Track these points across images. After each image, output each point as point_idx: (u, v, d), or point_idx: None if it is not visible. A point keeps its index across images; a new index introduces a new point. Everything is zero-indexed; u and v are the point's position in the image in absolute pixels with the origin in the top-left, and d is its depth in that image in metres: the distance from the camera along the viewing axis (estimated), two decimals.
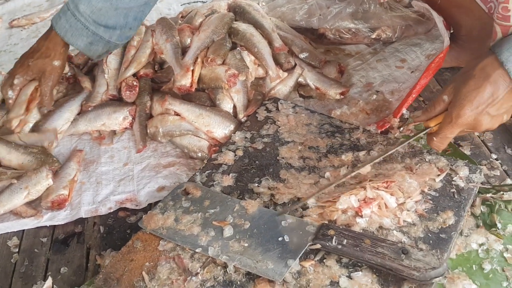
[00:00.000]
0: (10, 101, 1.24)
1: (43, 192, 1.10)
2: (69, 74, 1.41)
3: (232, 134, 1.16)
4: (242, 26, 1.34)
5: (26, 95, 1.24)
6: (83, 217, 1.07)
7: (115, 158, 1.22)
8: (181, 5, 1.83)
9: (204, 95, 1.27)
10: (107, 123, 1.26)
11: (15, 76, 1.23)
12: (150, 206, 1.09)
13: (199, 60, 1.26)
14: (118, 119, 1.26)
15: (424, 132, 0.99)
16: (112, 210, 1.09)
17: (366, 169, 0.99)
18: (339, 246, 0.84)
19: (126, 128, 1.27)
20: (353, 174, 0.97)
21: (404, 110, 1.21)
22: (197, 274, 0.86)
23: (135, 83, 1.28)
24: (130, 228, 1.05)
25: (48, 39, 1.23)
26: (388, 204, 0.92)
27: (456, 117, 0.90)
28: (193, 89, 1.23)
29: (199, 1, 1.86)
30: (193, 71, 1.22)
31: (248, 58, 1.28)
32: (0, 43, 1.81)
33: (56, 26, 1.20)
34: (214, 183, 1.04)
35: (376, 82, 1.38)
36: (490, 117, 0.90)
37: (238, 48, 1.28)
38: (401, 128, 1.18)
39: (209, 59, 1.22)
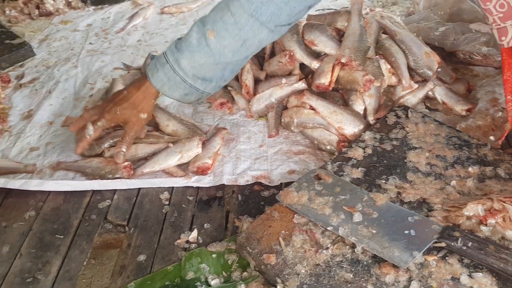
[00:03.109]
0: (88, 137, 1.25)
1: (192, 158, 1.28)
2: None
3: (362, 133, 1.26)
4: (382, 36, 1.43)
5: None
6: (225, 184, 1.23)
7: (252, 139, 1.38)
8: (316, 11, 1.96)
9: (337, 95, 1.39)
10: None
11: (101, 118, 1.24)
12: (281, 186, 1.22)
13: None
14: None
15: None
16: (249, 183, 1.23)
17: None
18: (464, 247, 0.91)
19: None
20: None
21: None
22: (327, 248, 0.98)
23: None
24: (264, 201, 1.19)
25: (140, 90, 1.23)
26: None
27: None
28: (330, 88, 1.34)
29: (332, 9, 1.98)
30: (333, 71, 1.34)
31: (384, 66, 1.38)
32: (152, 26, 2.06)
33: (152, 79, 1.20)
34: (344, 173, 1.15)
35: (502, 99, 1.41)
36: None
37: (377, 56, 1.38)
38: None
39: (352, 63, 1.31)
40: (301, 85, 1.37)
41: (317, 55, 1.42)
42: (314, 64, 1.39)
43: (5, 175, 1.27)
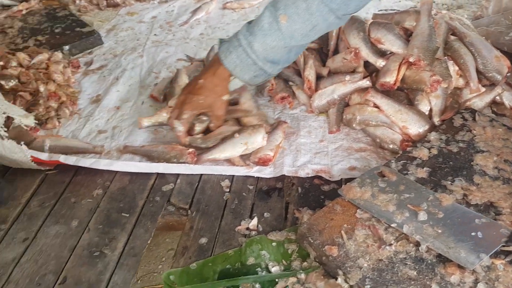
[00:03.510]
0: (180, 134, 1.31)
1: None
2: None
3: (428, 134, 1.24)
4: (451, 37, 1.41)
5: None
6: (286, 175, 1.24)
7: (312, 134, 1.38)
8: (379, 11, 1.94)
9: (402, 94, 1.37)
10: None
11: (184, 111, 1.29)
12: (341, 181, 1.22)
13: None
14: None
15: None
16: (309, 176, 1.24)
17: None
18: None
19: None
20: None
21: None
22: (390, 244, 0.97)
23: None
24: (324, 195, 1.19)
25: (216, 75, 1.28)
26: None
27: None
28: (395, 87, 1.33)
29: (395, 9, 1.96)
30: (399, 70, 1.32)
31: (452, 68, 1.35)
32: (215, 21, 2.11)
33: (225, 61, 1.24)
34: (408, 172, 1.14)
35: None
36: None
37: (445, 57, 1.36)
38: None
39: (420, 62, 1.30)
40: (366, 82, 1.36)
41: (382, 54, 1.42)
42: (380, 63, 1.38)
43: (75, 154, 1.33)
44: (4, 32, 2.00)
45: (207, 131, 1.37)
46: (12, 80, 1.52)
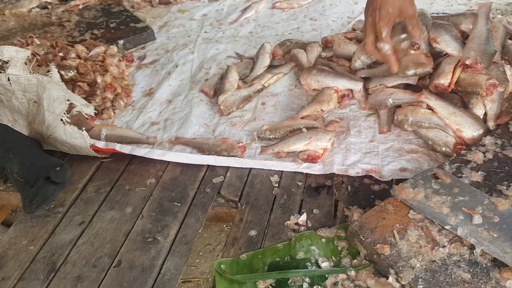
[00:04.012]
0: (389, 52, 1.27)
1: (318, 147, 1.29)
2: None
3: (483, 138, 1.22)
4: (508, 41, 1.38)
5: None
6: (336, 173, 1.25)
7: (362, 134, 1.38)
8: (430, 14, 1.92)
9: (456, 97, 1.35)
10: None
11: (381, 30, 1.24)
12: (392, 182, 1.21)
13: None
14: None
15: None
16: (359, 175, 1.24)
17: None
18: None
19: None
20: None
21: None
22: (444, 246, 0.96)
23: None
24: (374, 194, 1.19)
25: None
26: None
27: None
28: (450, 89, 1.31)
29: (447, 13, 1.93)
30: (454, 72, 1.31)
31: (509, 72, 1.33)
32: (264, 20, 2.13)
33: None
34: (462, 175, 1.12)
35: None
36: None
37: (503, 62, 1.33)
38: None
39: (477, 65, 1.28)
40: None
41: (437, 54, 1.40)
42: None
43: (129, 144, 1.37)
44: (62, 25, 2.09)
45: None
46: (71, 71, 1.59)
